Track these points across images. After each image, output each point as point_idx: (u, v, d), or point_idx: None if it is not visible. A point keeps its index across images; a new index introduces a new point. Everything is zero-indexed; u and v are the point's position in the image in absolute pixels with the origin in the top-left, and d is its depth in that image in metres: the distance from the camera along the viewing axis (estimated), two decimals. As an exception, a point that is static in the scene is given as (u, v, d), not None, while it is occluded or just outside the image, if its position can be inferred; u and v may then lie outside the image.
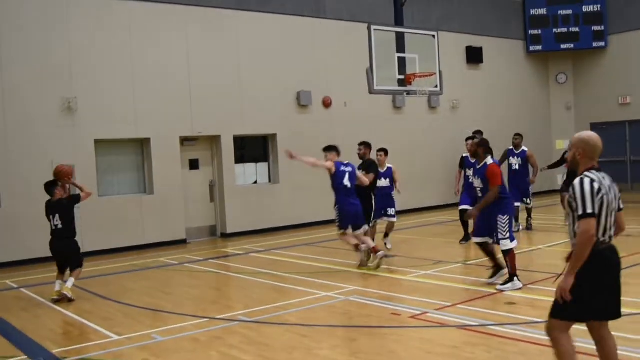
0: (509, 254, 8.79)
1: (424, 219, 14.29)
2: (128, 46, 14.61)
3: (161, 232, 14.92)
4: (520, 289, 8.63)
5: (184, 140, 15.65)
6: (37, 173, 12.74)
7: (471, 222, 10.02)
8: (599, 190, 4.36)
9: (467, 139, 12.15)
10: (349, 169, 10.64)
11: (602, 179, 4.44)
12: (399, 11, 15.77)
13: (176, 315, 8.36)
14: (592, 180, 4.38)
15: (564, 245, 12.35)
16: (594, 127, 22.70)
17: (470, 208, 11.49)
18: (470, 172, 11.86)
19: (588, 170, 4.49)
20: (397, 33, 14.78)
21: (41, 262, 12.27)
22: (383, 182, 12.16)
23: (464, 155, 13.15)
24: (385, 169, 12.28)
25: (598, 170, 4.49)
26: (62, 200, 9.66)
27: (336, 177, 10.58)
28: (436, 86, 16.05)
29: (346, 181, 10.55)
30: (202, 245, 15.04)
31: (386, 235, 12.55)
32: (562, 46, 23.05)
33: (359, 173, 10.89)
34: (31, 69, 13.39)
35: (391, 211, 12.33)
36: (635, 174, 22.46)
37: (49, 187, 9.73)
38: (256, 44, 16.51)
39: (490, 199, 8.77)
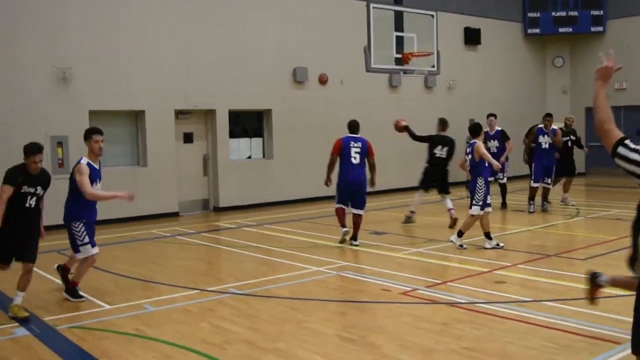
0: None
1: (417, 199, 14.54)
2: (125, 17, 14.48)
3: (154, 205, 14.91)
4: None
5: (179, 114, 15.60)
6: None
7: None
8: None
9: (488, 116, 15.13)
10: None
11: None
12: (398, -11, 15.69)
13: (167, 286, 8.39)
14: None
15: (556, 227, 12.44)
16: (589, 111, 22.70)
17: None
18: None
19: None
20: (396, 11, 14.72)
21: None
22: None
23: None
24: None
25: None
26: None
27: None
28: (433, 66, 16.02)
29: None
30: (195, 219, 15.06)
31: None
32: (560, 30, 22.99)
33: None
34: (26, 38, 13.28)
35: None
36: (629, 159, 22.48)
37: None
38: (254, 18, 16.40)
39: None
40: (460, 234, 10.23)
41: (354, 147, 10.75)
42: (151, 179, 14.90)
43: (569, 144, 15.02)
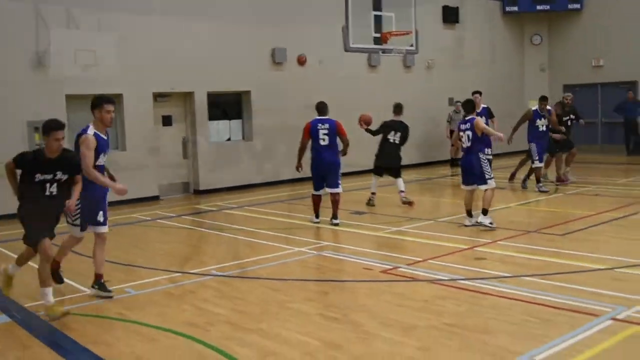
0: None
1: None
2: (102, 0, 14.29)
3: (133, 189, 14.69)
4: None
5: (157, 97, 15.46)
6: (6, 129, 12.55)
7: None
8: None
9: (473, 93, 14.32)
10: None
11: None
12: (375, -32, 15.61)
13: (149, 269, 8.37)
14: None
15: (536, 204, 12.56)
16: (566, 88, 22.84)
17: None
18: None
19: None
20: (374, -10, 14.68)
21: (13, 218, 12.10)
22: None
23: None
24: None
25: None
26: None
27: None
28: (412, 45, 16.05)
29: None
30: (175, 202, 15.00)
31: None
32: (538, 7, 23.04)
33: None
34: (1, 23, 13.09)
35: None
36: (606, 135, 22.80)
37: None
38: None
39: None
40: (485, 212, 10.08)
41: (322, 128, 10.84)
42: (130, 162, 14.76)
43: (569, 122, 15.06)
